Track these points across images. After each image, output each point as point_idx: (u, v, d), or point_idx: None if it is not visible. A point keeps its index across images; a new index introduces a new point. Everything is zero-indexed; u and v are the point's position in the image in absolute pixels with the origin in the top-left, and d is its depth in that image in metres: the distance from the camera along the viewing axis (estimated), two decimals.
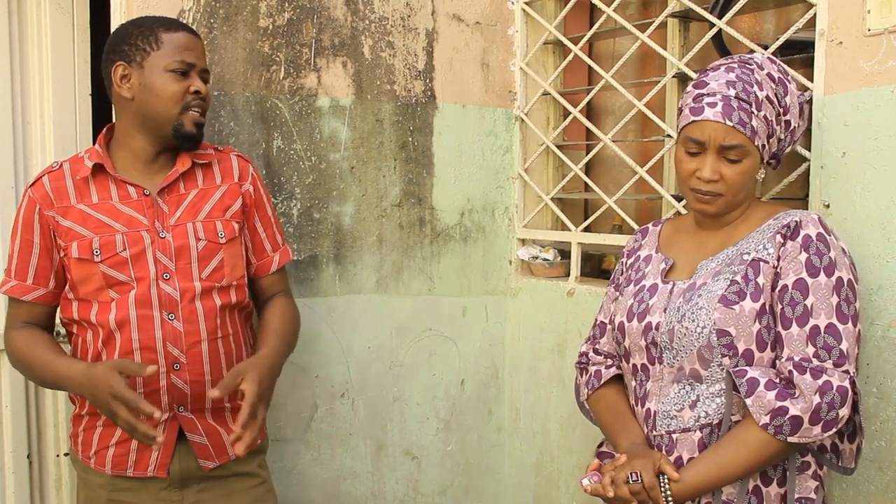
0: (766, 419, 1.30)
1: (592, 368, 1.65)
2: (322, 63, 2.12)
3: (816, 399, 1.28)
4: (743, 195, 1.45)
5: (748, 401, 1.32)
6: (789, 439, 1.30)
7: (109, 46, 1.65)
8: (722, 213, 1.48)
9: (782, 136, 1.45)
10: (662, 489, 1.35)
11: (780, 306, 1.36)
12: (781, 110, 1.43)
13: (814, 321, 1.32)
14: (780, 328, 1.36)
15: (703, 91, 1.42)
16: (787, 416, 1.29)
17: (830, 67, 1.58)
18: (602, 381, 1.62)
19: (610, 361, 1.63)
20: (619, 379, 1.62)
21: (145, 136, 1.65)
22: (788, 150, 1.52)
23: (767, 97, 1.40)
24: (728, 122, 1.38)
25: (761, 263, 1.38)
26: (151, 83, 1.61)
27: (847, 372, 1.30)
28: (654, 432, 1.46)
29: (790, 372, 1.31)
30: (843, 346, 1.31)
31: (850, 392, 1.30)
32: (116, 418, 1.46)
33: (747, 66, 1.43)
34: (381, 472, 2.30)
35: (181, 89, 1.61)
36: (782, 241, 1.37)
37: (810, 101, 1.59)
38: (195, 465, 1.66)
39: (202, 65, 1.67)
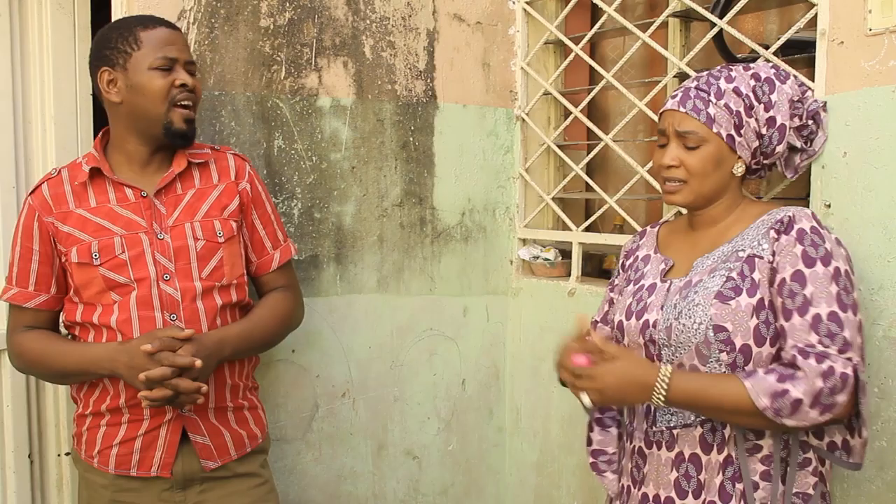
0: (766, 402, 1.28)
1: None
2: (323, 63, 2.12)
3: (819, 382, 1.27)
4: (711, 186, 1.45)
5: (747, 383, 1.30)
6: (786, 421, 1.29)
7: (92, 53, 1.65)
8: (691, 205, 1.48)
9: (763, 132, 1.44)
10: (659, 386, 1.34)
11: (779, 300, 1.35)
12: (760, 105, 1.43)
13: (815, 310, 1.31)
14: (781, 321, 1.35)
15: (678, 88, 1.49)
16: (787, 398, 1.28)
17: (831, 67, 1.58)
18: None
19: None
20: None
21: (138, 138, 1.65)
22: (805, 161, 1.53)
23: (735, 89, 1.42)
24: (682, 109, 1.43)
25: (756, 259, 1.38)
26: (137, 83, 1.60)
27: (850, 359, 1.29)
28: (654, 428, 1.47)
29: (794, 356, 1.30)
30: (846, 333, 1.30)
31: (851, 379, 1.28)
32: (156, 383, 1.51)
33: (730, 66, 1.47)
34: (381, 471, 2.30)
35: (166, 84, 1.60)
36: (776, 235, 1.38)
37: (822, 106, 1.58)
38: (197, 465, 1.66)
39: (185, 57, 1.65)
